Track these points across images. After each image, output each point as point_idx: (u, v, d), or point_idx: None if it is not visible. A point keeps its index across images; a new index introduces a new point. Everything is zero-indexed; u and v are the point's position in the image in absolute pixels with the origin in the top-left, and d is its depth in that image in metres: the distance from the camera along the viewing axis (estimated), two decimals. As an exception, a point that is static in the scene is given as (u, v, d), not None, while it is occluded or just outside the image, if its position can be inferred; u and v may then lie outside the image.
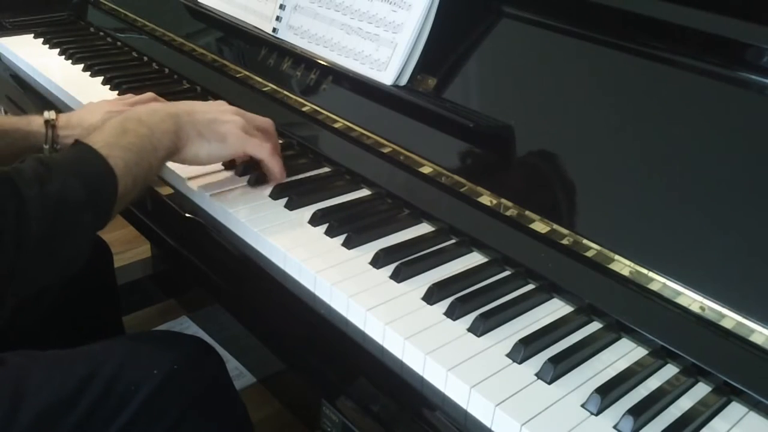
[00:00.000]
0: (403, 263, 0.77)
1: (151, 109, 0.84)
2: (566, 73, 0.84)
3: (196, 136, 0.85)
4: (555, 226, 0.77)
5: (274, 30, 1.11)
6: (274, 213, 0.86)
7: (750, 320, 0.64)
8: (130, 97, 1.09)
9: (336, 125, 1.00)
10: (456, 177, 0.86)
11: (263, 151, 0.89)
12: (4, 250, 0.66)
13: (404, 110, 0.93)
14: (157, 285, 1.96)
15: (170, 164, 0.97)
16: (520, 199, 0.80)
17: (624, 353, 0.68)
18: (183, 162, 0.87)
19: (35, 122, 0.99)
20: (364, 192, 0.94)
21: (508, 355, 0.66)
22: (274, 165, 0.90)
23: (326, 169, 0.99)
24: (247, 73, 1.16)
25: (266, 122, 0.94)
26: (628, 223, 0.73)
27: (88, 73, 1.28)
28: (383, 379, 0.67)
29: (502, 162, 0.85)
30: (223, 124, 0.87)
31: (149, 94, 1.09)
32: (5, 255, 0.66)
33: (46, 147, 0.98)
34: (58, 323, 1.12)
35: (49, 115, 1.00)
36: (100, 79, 1.25)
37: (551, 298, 0.75)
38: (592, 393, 0.62)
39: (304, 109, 1.05)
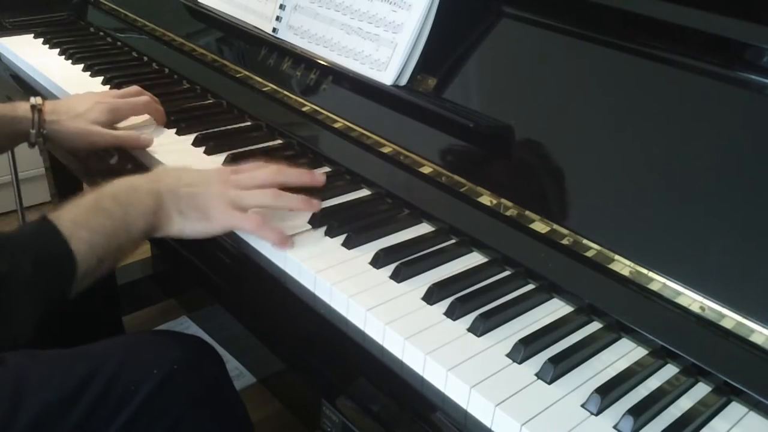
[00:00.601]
0: (403, 263, 0.77)
1: (131, 186, 0.80)
2: (566, 73, 0.84)
3: (177, 215, 0.81)
4: (555, 226, 0.77)
5: (274, 30, 1.11)
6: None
7: (750, 320, 0.64)
8: (119, 89, 1.11)
9: (336, 125, 1.00)
10: (456, 177, 0.86)
11: (253, 228, 0.80)
12: None
13: (404, 110, 0.93)
14: (157, 285, 1.96)
15: (170, 164, 0.97)
16: (520, 199, 0.80)
17: (624, 353, 0.68)
18: (166, 237, 0.83)
19: (21, 108, 1.00)
20: (364, 192, 0.94)
21: (508, 355, 0.66)
22: (269, 236, 0.80)
23: (326, 169, 0.99)
24: (247, 73, 1.16)
25: (268, 175, 0.84)
26: (628, 223, 0.73)
27: (88, 73, 1.28)
28: (383, 379, 0.67)
29: (502, 162, 0.85)
30: (208, 200, 0.81)
31: (134, 88, 1.10)
32: None
33: (33, 132, 1.00)
34: (59, 323, 1.12)
35: (36, 100, 1.01)
36: (100, 79, 1.25)
37: (551, 298, 0.75)
38: (592, 393, 0.62)
39: (304, 109, 1.05)
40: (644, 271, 0.70)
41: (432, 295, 0.72)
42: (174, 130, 1.07)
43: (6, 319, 0.69)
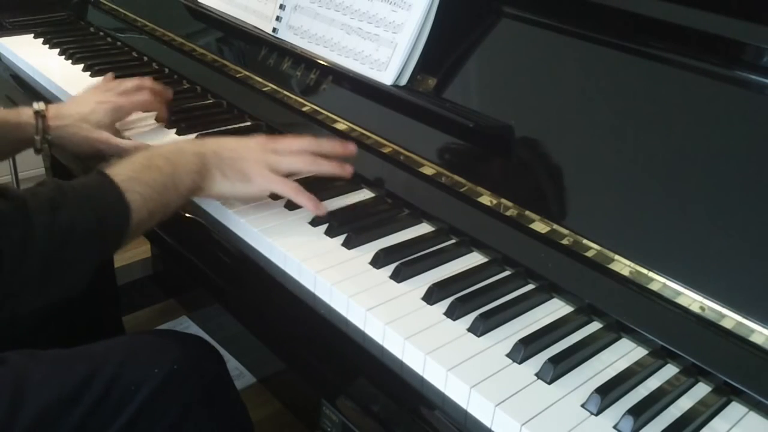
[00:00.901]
0: (403, 263, 0.77)
1: (178, 148, 0.85)
2: (566, 73, 0.84)
3: (220, 176, 0.85)
4: (555, 226, 0.77)
5: (274, 30, 1.11)
6: (273, 213, 0.86)
7: (750, 320, 0.64)
8: (118, 85, 1.09)
9: (336, 125, 1.00)
10: (456, 177, 0.86)
11: (289, 191, 0.86)
12: (1, 275, 0.66)
13: (404, 110, 0.93)
14: (157, 285, 1.96)
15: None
16: (520, 199, 0.80)
17: (624, 353, 0.69)
18: (209, 197, 0.87)
19: (24, 114, 1.00)
20: (364, 192, 0.94)
21: (508, 355, 0.66)
22: (303, 202, 0.86)
23: (326, 169, 0.99)
24: (247, 73, 1.16)
25: (302, 143, 0.90)
26: (628, 223, 0.73)
27: (88, 73, 1.28)
28: (383, 379, 0.67)
29: (502, 162, 0.85)
30: (249, 164, 0.86)
31: (134, 80, 1.10)
32: (2, 280, 0.67)
33: (38, 138, 0.99)
34: (59, 323, 1.12)
35: (39, 106, 1.00)
36: (100, 79, 1.25)
37: (551, 298, 0.75)
38: (592, 393, 0.62)
39: (304, 109, 1.05)
40: (644, 271, 0.70)
41: (432, 295, 0.72)
42: (174, 130, 1.07)
43: (72, 269, 0.73)
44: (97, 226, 0.73)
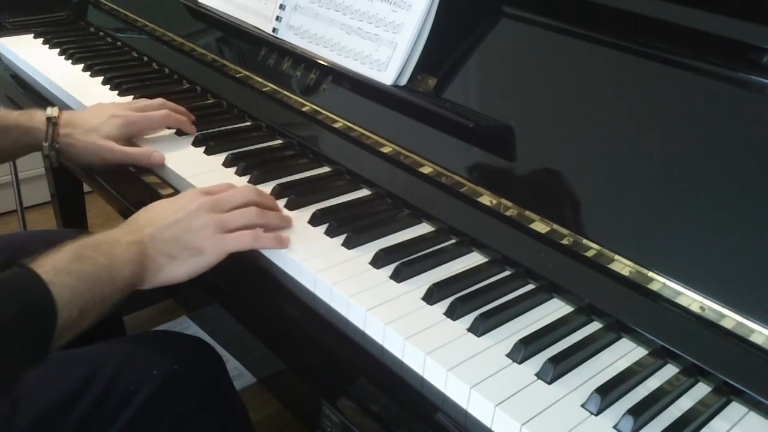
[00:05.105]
0: (403, 263, 0.77)
1: (112, 237, 0.75)
2: (566, 73, 0.84)
3: (168, 260, 0.76)
4: (555, 226, 0.77)
5: (274, 30, 1.11)
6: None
7: (750, 320, 0.64)
8: (140, 102, 1.07)
9: (336, 125, 1.00)
10: (456, 177, 0.86)
11: (248, 243, 0.78)
12: None
13: (404, 110, 0.93)
14: (157, 285, 1.96)
15: (171, 166, 0.97)
16: (520, 199, 0.80)
17: (624, 353, 0.68)
18: (157, 286, 0.78)
19: (37, 118, 0.99)
20: (364, 192, 0.94)
21: (508, 355, 0.66)
22: (268, 245, 0.79)
23: (326, 169, 0.99)
24: (247, 73, 1.16)
25: (244, 194, 0.83)
26: (628, 223, 0.73)
27: (88, 73, 1.28)
28: (383, 379, 0.67)
29: (502, 162, 0.85)
30: (195, 235, 0.77)
31: (159, 100, 1.07)
32: None
33: (46, 144, 0.98)
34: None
35: (52, 111, 0.98)
36: (100, 79, 1.25)
37: (551, 298, 0.75)
38: (592, 393, 0.62)
39: (304, 109, 1.05)
40: (644, 271, 0.70)
41: (432, 295, 0.72)
42: (174, 130, 1.07)
43: None
44: (14, 321, 0.62)
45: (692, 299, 0.67)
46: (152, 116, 1.03)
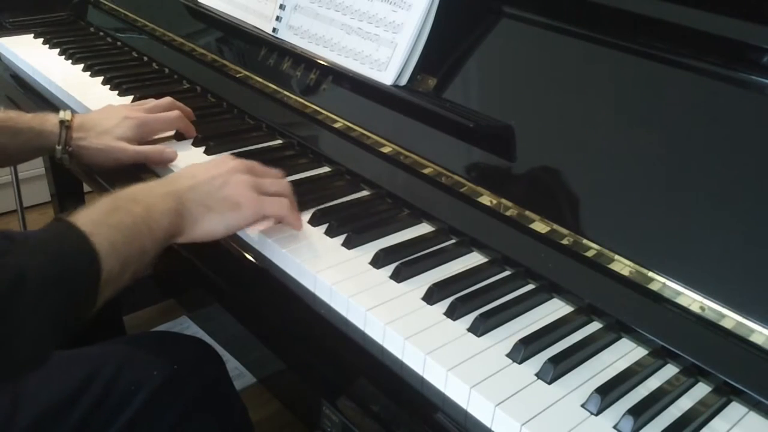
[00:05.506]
0: (403, 263, 0.77)
1: (146, 187, 0.75)
2: (566, 73, 0.84)
3: (205, 211, 0.75)
4: (555, 226, 0.77)
5: (274, 30, 1.11)
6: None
7: (750, 320, 0.64)
8: (149, 102, 1.06)
9: (336, 125, 1.00)
10: (456, 177, 0.86)
11: (282, 209, 0.79)
12: None
13: (404, 110, 0.93)
14: (157, 285, 1.96)
15: (171, 166, 0.97)
16: (520, 199, 0.80)
17: (624, 353, 0.68)
18: (195, 241, 0.77)
19: (49, 122, 0.98)
20: (364, 192, 0.94)
21: (508, 355, 0.66)
22: (293, 221, 0.81)
23: (326, 169, 0.99)
24: (247, 73, 1.16)
25: (276, 172, 0.85)
26: (628, 223, 0.73)
27: (88, 73, 1.28)
28: (383, 379, 0.67)
29: (502, 162, 0.85)
30: (233, 188, 0.77)
31: (168, 100, 1.06)
32: None
33: (59, 148, 0.97)
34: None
35: (64, 115, 0.98)
36: (100, 79, 1.25)
37: (551, 298, 0.75)
38: (592, 393, 0.62)
39: (304, 109, 1.05)
40: (644, 271, 0.70)
41: (432, 295, 0.72)
42: (174, 130, 1.07)
43: (24, 329, 0.58)
44: (58, 275, 0.60)
45: (692, 299, 0.67)
46: (164, 117, 1.03)
